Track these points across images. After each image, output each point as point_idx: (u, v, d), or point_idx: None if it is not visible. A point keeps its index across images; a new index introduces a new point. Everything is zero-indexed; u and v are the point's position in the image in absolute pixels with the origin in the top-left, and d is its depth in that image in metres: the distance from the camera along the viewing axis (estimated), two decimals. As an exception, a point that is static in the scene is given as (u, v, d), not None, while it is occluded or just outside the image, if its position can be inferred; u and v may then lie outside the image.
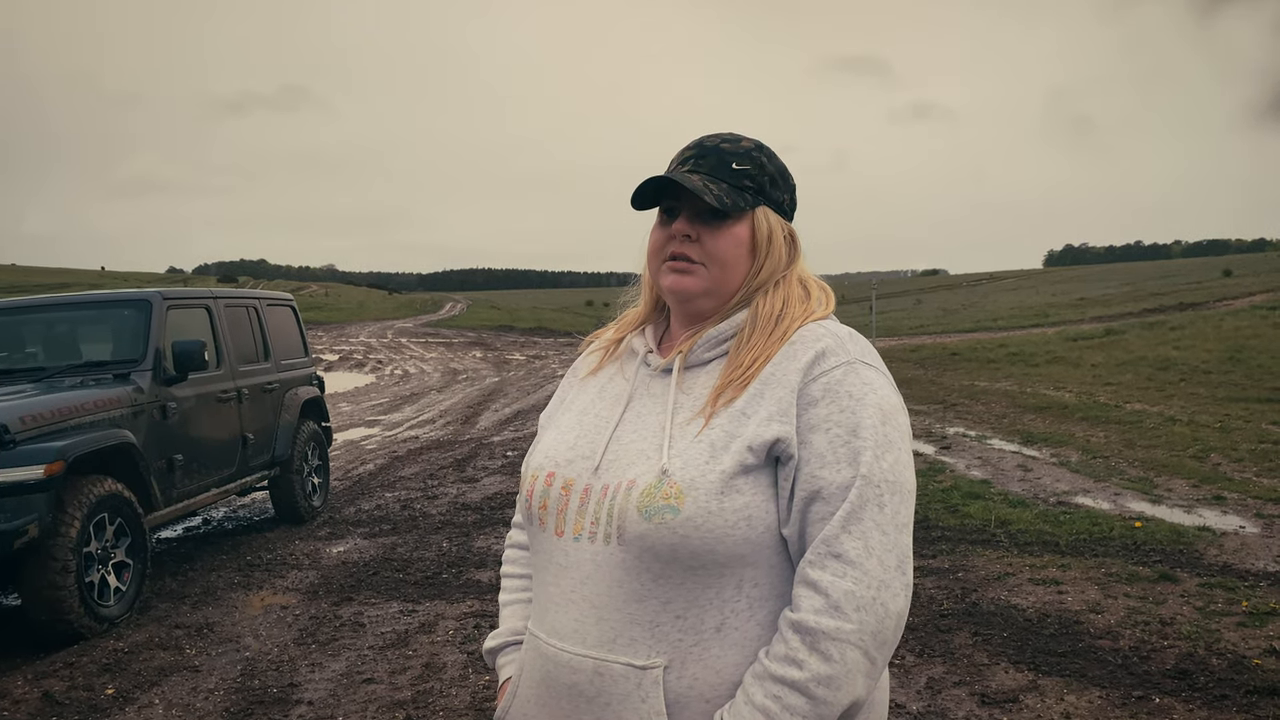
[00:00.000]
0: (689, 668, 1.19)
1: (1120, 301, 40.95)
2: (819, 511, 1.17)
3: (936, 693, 3.79)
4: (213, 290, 7.06)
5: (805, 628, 1.14)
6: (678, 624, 1.20)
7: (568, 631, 1.24)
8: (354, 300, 74.92)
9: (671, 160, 1.36)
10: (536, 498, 1.31)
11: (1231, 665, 3.94)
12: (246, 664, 4.41)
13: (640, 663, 1.20)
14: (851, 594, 1.14)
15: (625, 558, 1.21)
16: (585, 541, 1.25)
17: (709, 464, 1.19)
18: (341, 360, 26.99)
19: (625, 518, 1.21)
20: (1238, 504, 6.78)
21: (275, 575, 5.87)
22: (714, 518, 1.17)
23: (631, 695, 1.19)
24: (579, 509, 1.26)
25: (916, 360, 21.64)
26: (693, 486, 1.18)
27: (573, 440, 1.34)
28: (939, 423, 11.35)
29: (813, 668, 1.13)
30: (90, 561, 4.89)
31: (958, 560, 5.58)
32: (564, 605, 1.26)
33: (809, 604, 1.15)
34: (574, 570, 1.25)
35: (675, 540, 1.17)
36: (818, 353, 1.24)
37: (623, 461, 1.26)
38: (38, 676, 4.35)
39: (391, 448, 11.06)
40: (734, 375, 1.26)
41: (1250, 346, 17.77)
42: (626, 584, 1.21)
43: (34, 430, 4.80)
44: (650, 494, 1.19)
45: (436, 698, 3.95)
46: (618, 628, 1.21)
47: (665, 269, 1.32)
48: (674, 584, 1.19)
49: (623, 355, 1.42)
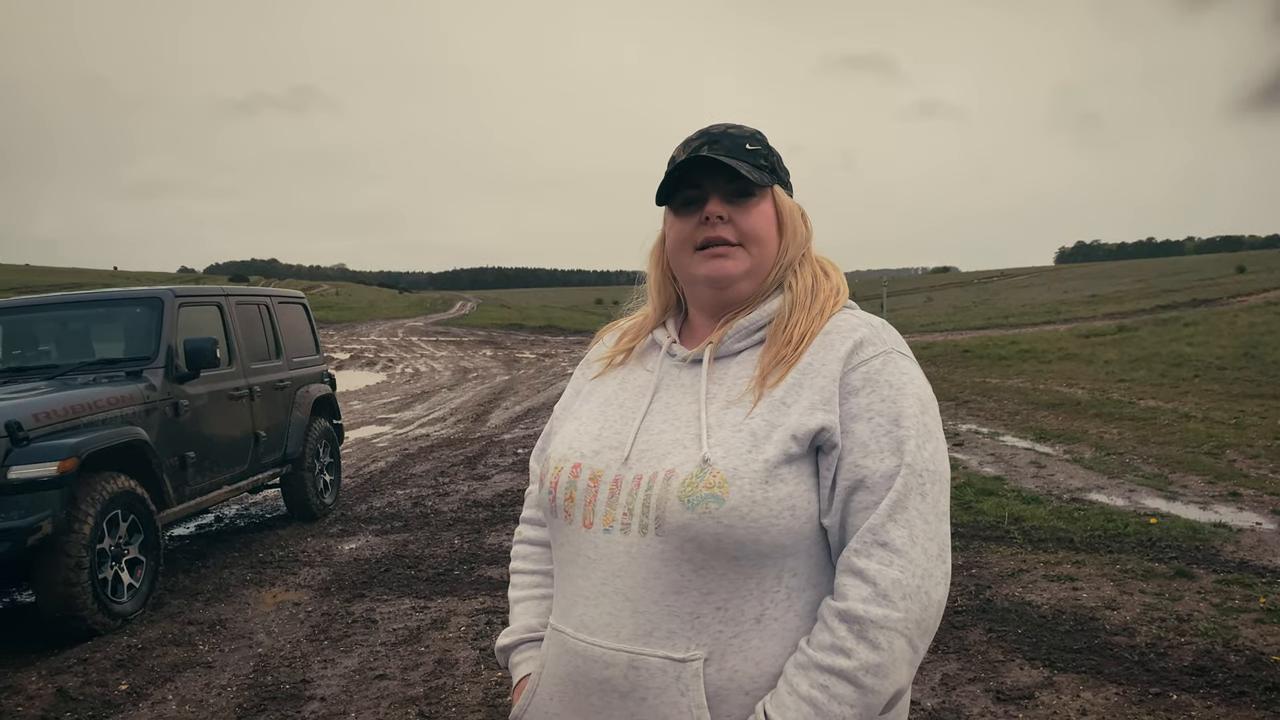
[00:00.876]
0: (729, 659, 1.18)
1: (1133, 298, 40.74)
2: (862, 500, 1.17)
3: (951, 689, 3.77)
4: (224, 288, 7.07)
5: (853, 616, 1.13)
6: (718, 615, 1.18)
7: (599, 625, 1.22)
8: (365, 299, 75.14)
9: (678, 150, 1.33)
10: (562, 489, 1.28)
11: (1250, 662, 3.90)
12: (259, 660, 4.41)
13: (679, 655, 1.17)
14: (899, 582, 1.14)
15: (665, 548, 1.18)
16: (618, 533, 1.22)
17: (751, 453, 1.18)
18: (353, 359, 27.06)
19: (665, 508, 1.18)
20: (1254, 500, 6.73)
21: (287, 572, 5.88)
22: (759, 507, 1.16)
23: (670, 689, 1.17)
24: (609, 500, 1.24)
25: (928, 358, 21.58)
26: (736, 475, 1.16)
27: (597, 431, 1.31)
28: (951, 420, 11.30)
29: (861, 656, 1.12)
30: (104, 558, 4.91)
31: (971, 557, 5.55)
32: (595, 599, 1.23)
33: (856, 592, 1.14)
34: (605, 563, 1.23)
35: (720, 530, 1.15)
36: (856, 342, 1.24)
37: (655, 451, 1.24)
38: (52, 672, 4.36)
39: (403, 445, 11.08)
40: (782, 353, 1.25)
41: (1265, 343, 17.64)
42: (665, 575, 1.18)
43: (47, 427, 4.81)
44: (692, 483, 1.17)
45: (449, 694, 3.94)
46: (655, 620, 1.19)
47: (700, 258, 1.29)
48: (716, 575, 1.18)
49: (642, 348, 1.41)
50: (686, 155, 1.30)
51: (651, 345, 1.39)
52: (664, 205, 1.35)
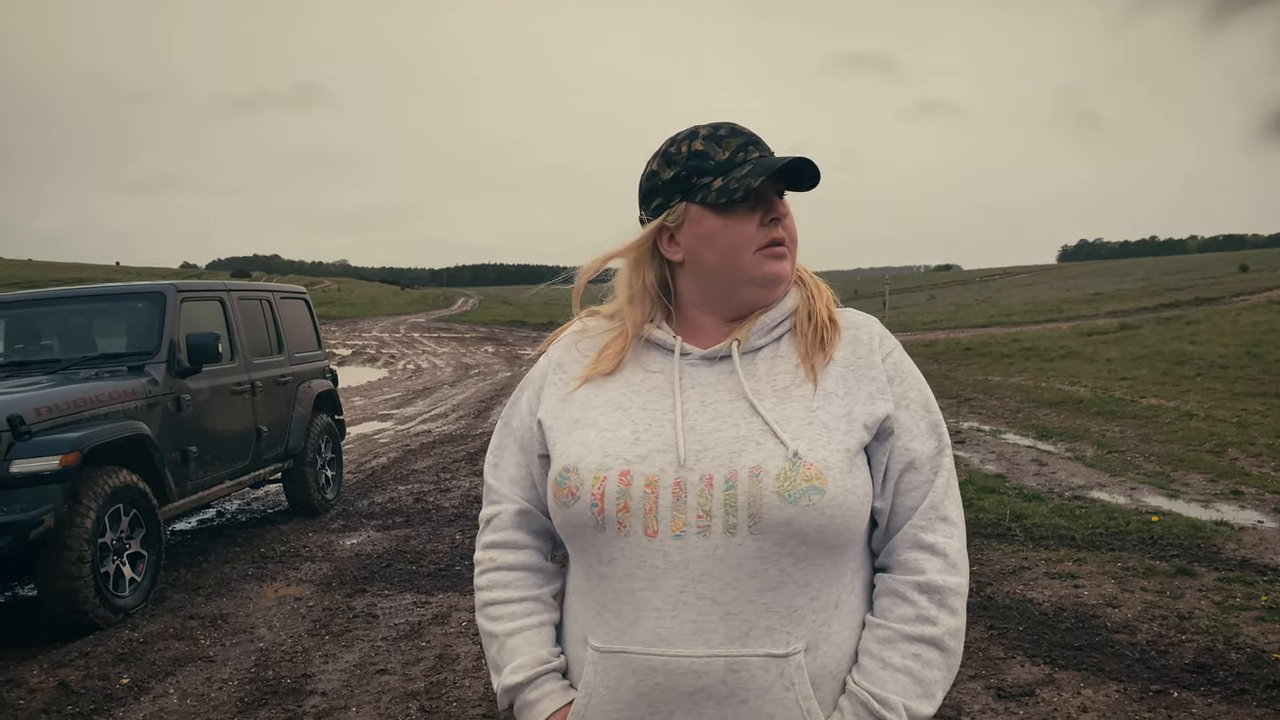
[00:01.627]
0: (822, 647, 1.21)
1: (1135, 296, 40.70)
2: (911, 480, 1.26)
3: (952, 686, 3.77)
4: (226, 283, 7.08)
5: (933, 587, 1.22)
6: (813, 605, 1.21)
7: (682, 635, 1.17)
8: (367, 295, 75.15)
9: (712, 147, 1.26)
10: (612, 499, 1.20)
11: (1251, 659, 3.90)
12: (260, 654, 4.42)
13: (781, 651, 1.18)
14: (960, 551, 1.26)
15: (762, 546, 1.17)
16: (696, 537, 1.18)
17: (831, 443, 1.21)
18: (354, 355, 27.08)
19: (763, 505, 1.16)
20: (1255, 499, 6.72)
21: (289, 567, 5.89)
22: (851, 495, 1.20)
23: (774, 685, 1.17)
24: (674, 505, 1.19)
25: (930, 355, 21.56)
26: (829, 466, 1.19)
27: (629, 436, 1.24)
28: (953, 417, 11.29)
29: (945, 622, 1.22)
30: (105, 552, 4.92)
31: (973, 554, 5.55)
32: (670, 609, 1.18)
33: (931, 565, 1.23)
34: (680, 570, 1.18)
35: (823, 520, 1.17)
36: (879, 335, 1.33)
37: (718, 450, 1.20)
38: (53, 666, 4.37)
39: (404, 441, 11.09)
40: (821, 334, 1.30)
41: (1267, 341, 17.61)
42: (762, 573, 1.17)
43: (49, 421, 4.82)
44: (788, 477, 1.16)
45: (450, 689, 3.94)
46: (750, 619, 1.17)
47: (762, 258, 1.26)
48: (813, 565, 1.20)
49: (638, 350, 1.34)
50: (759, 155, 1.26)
51: (647, 345, 1.34)
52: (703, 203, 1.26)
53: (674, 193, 1.27)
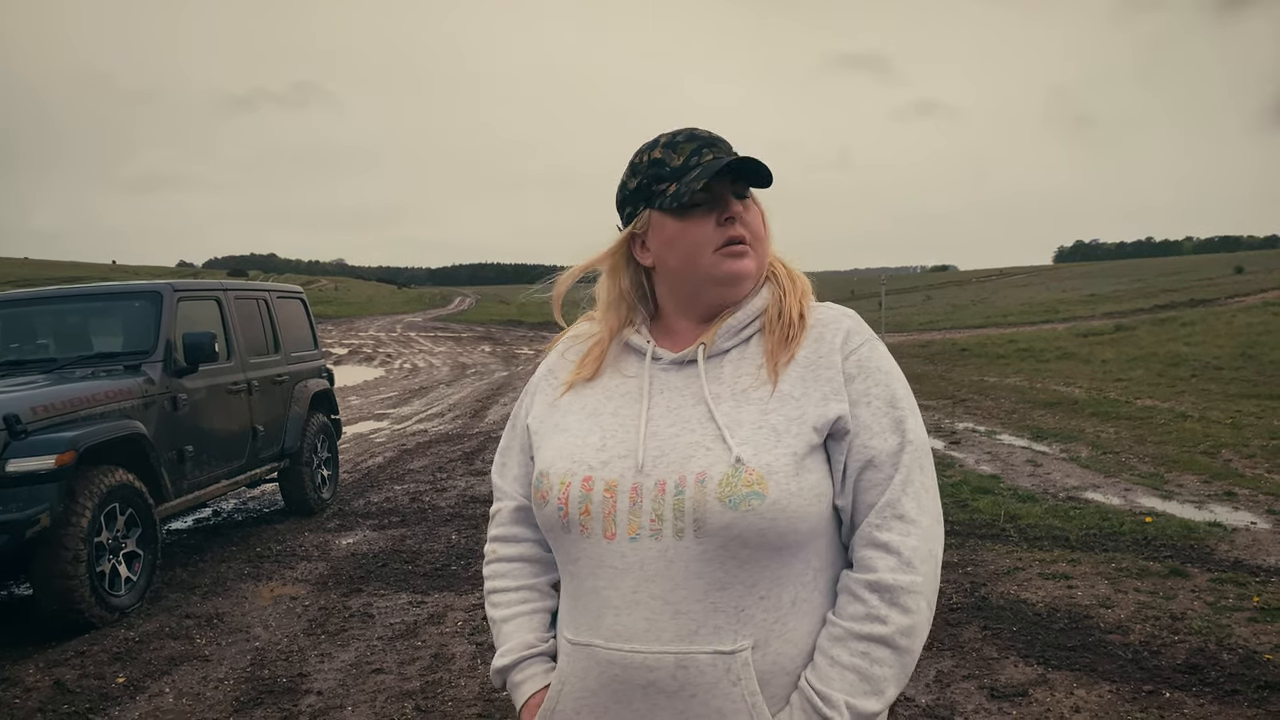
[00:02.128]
0: (772, 645, 1.23)
1: (1131, 298, 40.76)
2: (871, 479, 1.25)
3: (946, 686, 3.79)
4: (223, 283, 7.08)
5: (884, 585, 1.22)
6: (762, 604, 1.23)
7: (638, 632, 1.23)
8: (363, 295, 75.08)
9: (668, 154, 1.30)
10: (575, 503, 1.27)
11: (1243, 660, 3.92)
12: (256, 654, 4.42)
13: (728, 648, 1.21)
14: (917, 550, 1.24)
15: (706, 549, 1.21)
16: (646, 540, 1.23)
17: (778, 448, 1.23)
18: (351, 354, 27.07)
19: (705, 510, 1.20)
20: (1249, 500, 6.75)
21: (285, 566, 5.89)
22: (795, 498, 1.21)
23: (721, 681, 1.21)
24: (630, 509, 1.24)
25: (926, 356, 21.59)
26: (772, 471, 1.21)
27: (598, 441, 1.30)
28: (948, 418, 11.32)
29: (896, 621, 1.21)
30: (101, 551, 4.92)
31: (967, 555, 5.57)
32: (627, 607, 1.23)
33: (884, 563, 1.23)
34: (634, 571, 1.23)
35: (764, 525, 1.20)
36: (846, 333, 1.31)
37: (674, 456, 1.25)
38: (49, 665, 4.37)
39: (400, 441, 11.09)
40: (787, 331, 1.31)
41: (1262, 343, 17.67)
42: (707, 574, 1.22)
43: (45, 421, 4.82)
44: (729, 483, 1.20)
45: (445, 688, 3.95)
46: (699, 619, 1.22)
47: (720, 257, 1.29)
48: (759, 567, 1.23)
49: (614, 355, 1.39)
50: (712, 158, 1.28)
51: (625, 350, 1.38)
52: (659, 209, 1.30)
53: (639, 200, 1.33)
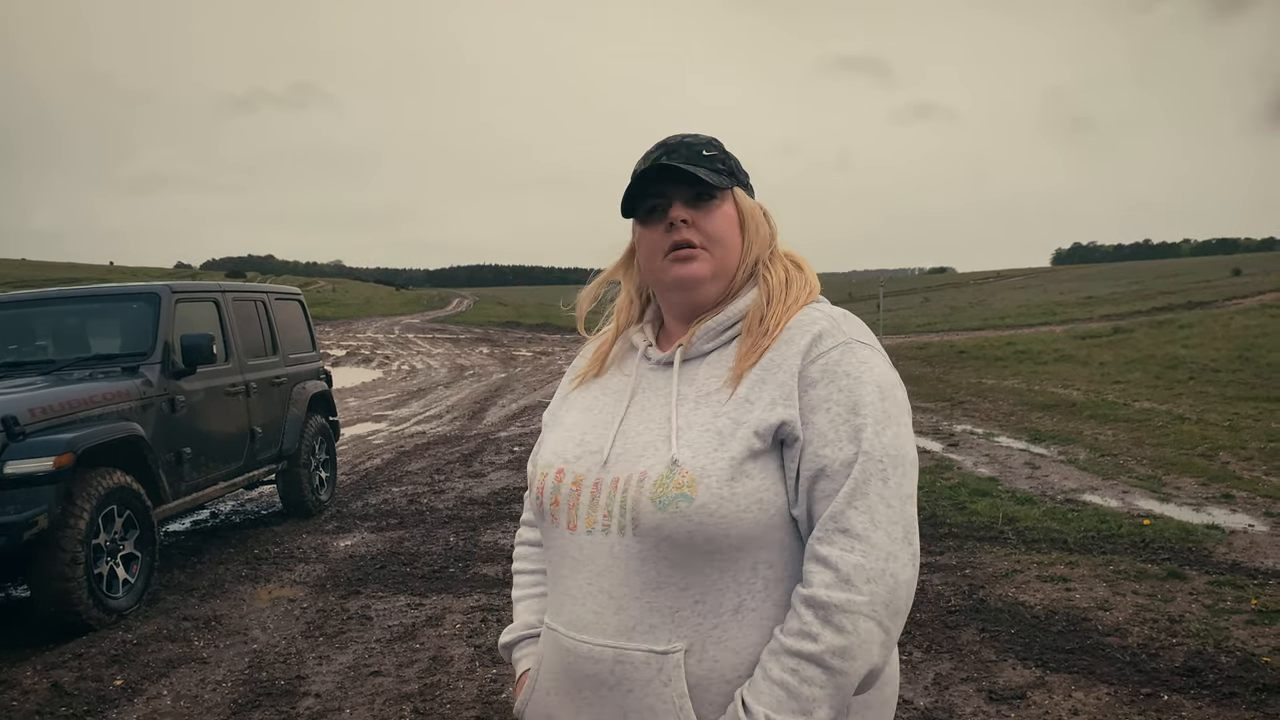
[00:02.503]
0: (709, 650, 1.22)
1: (1128, 300, 40.80)
2: (824, 489, 1.20)
3: (944, 688, 3.79)
4: (221, 284, 7.07)
5: (817, 602, 1.17)
6: (697, 608, 1.22)
7: (586, 623, 1.27)
8: (361, 296, 75.04)
9: (640, 163, 1.37)
10: (548, 494, 1.33)
11: (1241, 663, 3.92)
12: (254, 656, 4.42)
13: (661, 648, 1.22)
14: (861, 567, 1.17)
15: (641, 548, 1.23)
16: (599, 534, 1.27)
17: (718, 451, 1.22)
18: (349, 355, 27.04)
19: (639, 509, 1.23)
20: (1246, 502, 6.75)
21: (283, 568, 5.89)
22: (726, 503, 1.20)
23: (653, 680, 1.22)
24: (590, 503, 1.29)
25: (924, 358, 21.60)
26: (704, 474, 1.20)
27: (579, 436, 1.36)
28: (946, 420, 11.32)
29: (827, 640, 1.16)
30: (99, 553, 4.91)
31: (965, 557, 5.57)
32: (581, 598, 1.28)
33: (820, 579, 1.18)
34: (589, 563, 1.28)
35: (691, 527, 1.20)
36: (815, 335, 1.27)
37: (631, 454, 1.29)
38: (47, 667, 4.37)
39: (398, 443, 11.08)
40: (759, 343, 1.29)
41: (1260, 345, 17.69)
42: (644, 573, 1.23)
43: (43, 422, 4.81)
44: (663, 484, 1.22)
45: (443, 690, 3.95)
46: (637, 616, 1.24)
47: (669, 262, 1.34)
48: (692, 570, 1.22)
49: (620, 354, 1.45)
50: (646, 165, 1.34)
51: (630, 350, 1.43)
52: (630, 217, 1.38)
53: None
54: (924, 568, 5.37)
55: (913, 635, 4.35)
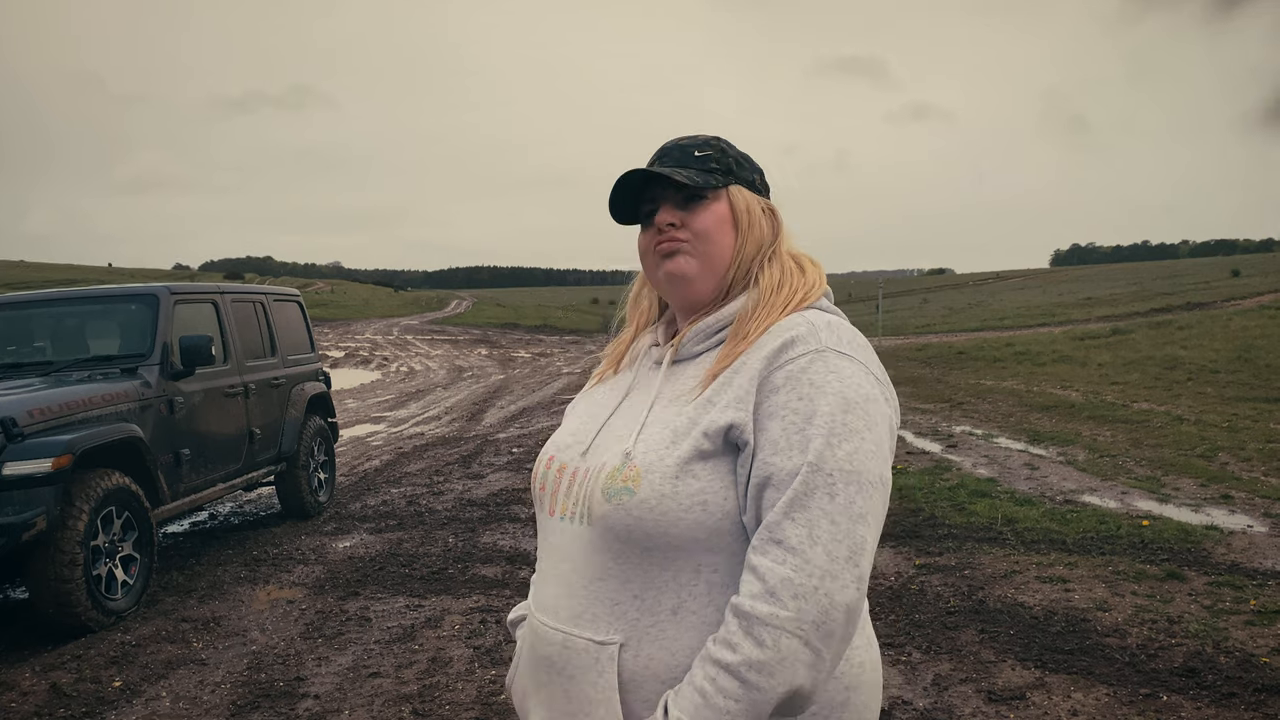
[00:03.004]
0: (644, 647, 1.22)
1: (1127, 301, 40.84)
2: (770, 498, 1.17)
3: (943, 689, 3.79)
4: (220, 285, 7.07)
5: (742, 612, 1.14)
6: (635, 603, 1.23)
7: (549, 606, 1.31)
8: (360, 297, 75.04)
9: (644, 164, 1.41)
10: (539, 479, 1.39)
11: (1240, 663, 3.92)
12: (253, 658, 4.41)
13: (599, 638, 1.24)
14: (789, 581, 1.12)
15: (592, 537, 1.26)
16: (567, 521, 1.31)
17: (669, 449, 1.23)
18: (347, 357, 27.04)
19: (593, 499, 1.26)
20: (1245, 503, 6.75)
21: (281, 570, 5.88)
22: (667, 500, 1.20)
23: (590, 669, 1.24)
24: (566, 491, 1.32)
25: (923, 359, 21.61)
26: (650, 470, 1.21)
27: (575, 428, 1.41)
28: (945, 421, 11.33)
29: (745, 652, 1.12)
30: (97, 555, 4.91)
31: (964, 558, 5.57)
32: (549, 581, 1.33)
33: (747, 589, 1.15)
34: (559, 549, 1.32)
35: (630, 521, 1.21)
36: (786, 341, 1.24)
37: (604, 446, 1.32)
38: (45, 669, 4.36)
39: (397, 444, 11.08)
40: (738, 349, 1.29)
41: (1258, 346, 17.70)
42: (593, 562, 1.26)
43: (42, 424, 4.81)
44: (613, 476, 1.24)
45: (443, 692, 3.95)
46: (584, 604, 1.26)
47: (658, 259, 1.36)
48: (631, 564, 1.23)
49: (636, 351, 1.48)
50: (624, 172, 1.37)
51: (641, 349, 1.47)
52: (624, 224, 1.41)
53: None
54: (923, 568, 5.37)
55: (912, 636, 4.35)
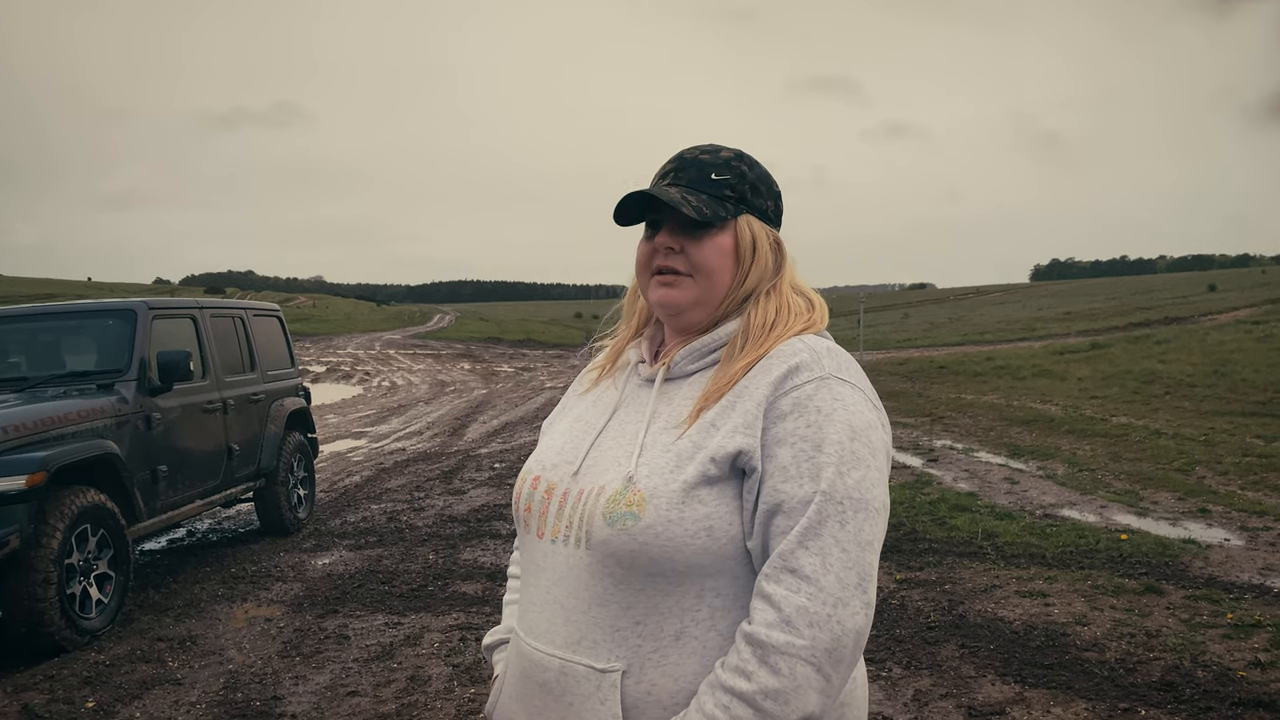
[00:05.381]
0: (647, 673, 1.21)
1: (1106, 315, 41.19)
2: (780, 525, 1.17)
3: (924, 705, 3.79)
4: (199, 300, 7.02)
5: (756, 640, 1.14)
6: (637, 630, 1.21)
7: (541, 630, 1.28)
8: (342, 312, 74.76)
9: (655, 174, 1.37)
10: (523, 500, 1.35)
11: (1217, 677, 3.94)
12: (229, 677, 4.37)
13: (600, 666, 1.22)
14: (805, 609, 1.13)
15: (591, 562, 1.24)
16: (560, 544, 1.28)
17: (673, 473, 1.21)
18: (329, 371, 26.89)
19: (592, 523, 1.24)
20: (1223, 517, 6.81)
21: (259, 587, 5.83)
22: (673, 526, 1.18)
23: (591, 697, 1.22)
24: (556, 512, 1.30)
25: (904, 373, 21.71)
26: (655, 495, 1.20)
27: (560, 446, 1.37)
28: (926, 435, 11.37)
29: (761, 680, 1.12)
30: (72, 573, 4.85)
31: (945, 572, 5.58)
32: (539, 605, 1.29)
33: (761, 617, 1.15)
34: (549, 572, 1.29)
35: (635, 547, 1.19)
36: (791, 367, 1.23)
37: (599, 468, 1.29)
38: (18, 689, 4.30)
39: (378, 459, 11.01)
40: (722, 384, 1.26)
41: (1234, 361, 17.89)
42: (592, 587, 1.24)
43: (16, 440, 4.76)
44: (615, 500, 1.22)
45: (421, 711, 3.92)
46: (582, 630, 1.24)
47: (653, 283, 1.33)
48: (634, 590, 1.21)
49: (620, 364, 1.45)
50: (650, 185, 1.33)
51: (626, 364, 1.44)
52: (625, 226, 1.36)
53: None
54: (904, 584, 5.38)
55: (892, 651, 4.35)
